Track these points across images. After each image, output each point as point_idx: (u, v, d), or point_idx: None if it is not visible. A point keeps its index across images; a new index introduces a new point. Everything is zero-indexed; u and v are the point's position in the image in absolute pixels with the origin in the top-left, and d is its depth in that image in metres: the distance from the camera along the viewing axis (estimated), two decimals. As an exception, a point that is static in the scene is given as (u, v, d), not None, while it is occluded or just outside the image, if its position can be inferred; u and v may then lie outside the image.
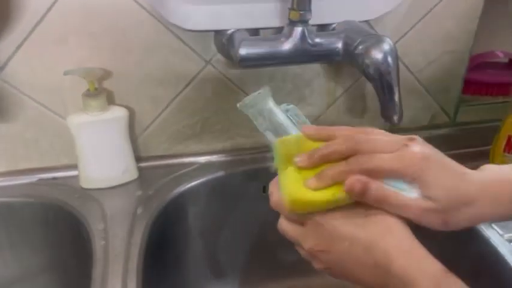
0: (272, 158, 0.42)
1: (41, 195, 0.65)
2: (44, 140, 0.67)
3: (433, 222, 0.37)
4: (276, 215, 0.76)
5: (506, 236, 0.58)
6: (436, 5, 0.70)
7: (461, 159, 0.72)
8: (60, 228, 0.65)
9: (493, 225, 0.60)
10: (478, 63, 0.81)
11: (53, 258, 0.68)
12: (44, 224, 0.65)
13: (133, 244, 0.57)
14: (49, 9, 0.57)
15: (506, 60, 0.83)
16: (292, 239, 0.41)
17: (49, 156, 0.68)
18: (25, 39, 0.59)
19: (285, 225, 0.41)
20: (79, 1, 0.57)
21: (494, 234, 0.58)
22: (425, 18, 0.70)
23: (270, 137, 0.44)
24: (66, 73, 0.59)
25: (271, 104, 0.44)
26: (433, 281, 0.32)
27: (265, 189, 0.73)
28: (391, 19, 0.68)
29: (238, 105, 0.44)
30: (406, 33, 0.71)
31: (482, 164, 0.71)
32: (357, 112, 0.77)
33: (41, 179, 0.68)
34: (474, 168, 0.42)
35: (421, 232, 0.37)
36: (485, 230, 0.59)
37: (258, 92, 0.44)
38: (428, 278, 0.32)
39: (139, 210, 0.62)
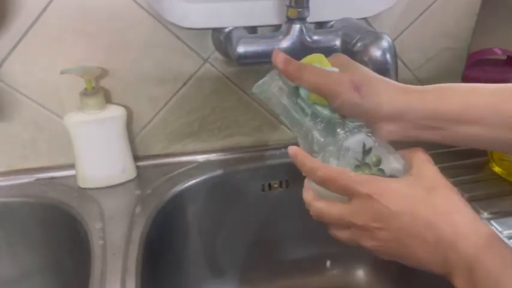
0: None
1: (39, 195, 0.65)
2: (41, 140, 0.66)
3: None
4: (276, 214, 0.77)
5: (506, 232, 0.58)
6: (434, 2, 0.69)
7: (459, 156, 0.72)
8: (58, 227, 0.65)
9: (492, 222, 0.60)
10: (476, 60, 0.80)
11: (51, 258, 0.68)
12: (42, 224, 0.65)
13: (131, 243, 0.56)
14: (45, 8, 0.57)
15: (504, 57, 0.82)
16: (336, 220, 0.39)
17: (46, 155, 0.68)
18: (21, 38, 0.58)
19: (324, 207, 0.39)
20: (75, 0, 0.57)
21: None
22: (423, 15, 0.70)
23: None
24: (63, 72, 0.59)
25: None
26: (503, 265, 0.31)
27: (264, 187, 0.73)
28: (389, 16, 0.68)
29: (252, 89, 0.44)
30: (404, 31, 0.71)
31: (481, 162, 0.71)
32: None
33: (38, 179, 0.67)
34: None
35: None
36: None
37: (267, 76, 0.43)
38: (497, 259, 0.32)
39: (137, 210, 0.62)
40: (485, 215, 0.61)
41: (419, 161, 0.38)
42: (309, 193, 0.41)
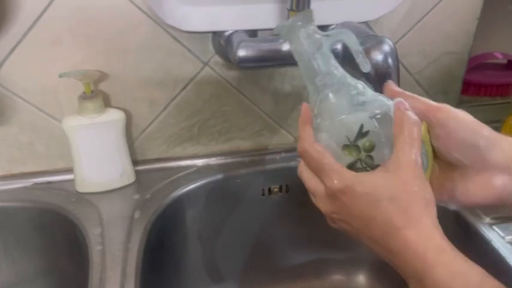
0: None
1: (36, 199, 0.64)
2: (39, 144, 0.66)
3: None
4: (276, 219, 0.76)
5: (508, 238, 0.58)
6: (434, 6, 0.69)
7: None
8: (55, 233, 0.64)
9: (494, 227, 0.60)
10: (477, 64, 0.80)
11: (49, 264, 0.67)
12: (40, 229, 0.64)
13: (130, 248, 0.56)
14: (44, 10, 0.56)
15: (505, 61, 0.82)
16: (308, 190, 0.40)
17: (44, 160, 0.67)
18: (20, 41, 0.58)
19: (305, 176, 0.40)
20: (74, 3, 0.57)
21: (495, 236, 0.58)
22: (424, 19, 0.70)
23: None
24: (61, 75, 0.58)
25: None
26: (450, 276, 0.32)
27: (264, 191, 0.72)
28: (391, 20, 0.68)
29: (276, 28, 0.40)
30: (405, 34, 0.71)
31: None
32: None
33: (35, 183, 0.67)
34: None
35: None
36: (486, 232, 0.59)
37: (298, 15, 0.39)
38: (444, 271, 0.32)
39: (136, 214, 0.61)
40: (487, 220, 0.60)
41: (401, 149, 0.36)
42: (309, 132, 0.39)
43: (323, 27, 0.64)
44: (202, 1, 0.58)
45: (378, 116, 0.37)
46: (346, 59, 0.59)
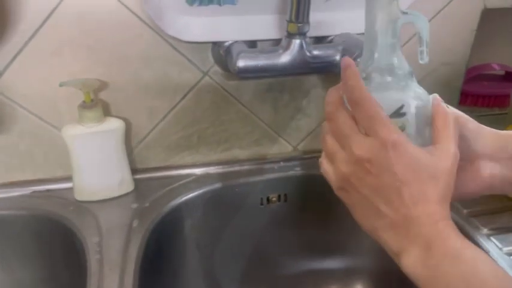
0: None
1: (35, 207, 0.64)
2: (39, 152, 0.66)
3: None
4: (274, 228, 0.76)
5: (505, 249, 0.58)
6: (432, 17, 0.70)
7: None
8: (53, 241, 0.64)
9: (492, 238, 0.60)
10: (474, 75, 0.81)
11: (46, 272, 0.67)
12: (38, 237, 0.64)
13: (128, 257, 0.56)
14: (45, 20, 0.57)
15: (502, 72, 0.83)
16: (340, 136, 0.38)
17: (43, 168, 0.67)
18: (21, 50, 0.58)
19: (342, 124, 0.38)
20: (76, 12, 0.57)
21: (493, 248, 0.58)
22: (422, 30, 0.71)
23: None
24: (62, 84, 0.59)
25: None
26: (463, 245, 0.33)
27: (263, 201, 0.72)
28: (389, 31, 0.68)
29: None
30: (403, 45, 0.71)
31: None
32: (354, 124, 0.77)
33: (34, 191, 0.67)
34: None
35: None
36: (484, 243, 0.59)
37: None
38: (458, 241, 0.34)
39: (135, 223, 0.61)
40: (485, 231, 0.61)
41: (446, 142, 0.37)
42: (362, 82, 0.38)
43: (321, 39, 0.64)
44: (202, 12, 0.59)
45: (419, 104, 0.38)
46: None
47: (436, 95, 0.40)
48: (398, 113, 0.38)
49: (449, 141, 0.37)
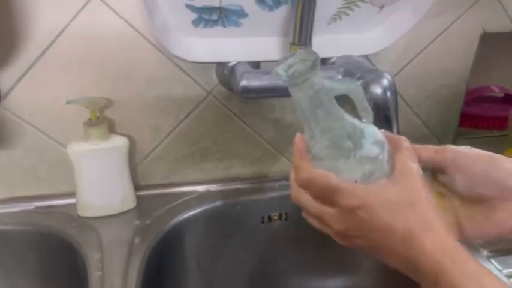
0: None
1: (37, 223, 0.65)
2: (43, 168, 0.67)
3: None
4: (275, 246, 0.76)
5: (505, 271, 0.58)
6: (433, 41, 0.71)
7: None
8: (55, 257, 0.64)
9: (492, 260, 0.60)
10: (474, 97, 0.82)
11: (47, 287, 0.67)
12: (39, 252, 0.65)
13: (130, 275, 0.56)
14: (54, 39, 0.58)
15: (501, 94, 0.84)
16: (313, 212, 0.39)
17: (47, 183, 0.68)
18: (29, 68, 0.59)
19: (306, 201, 0.39)
20: (84, 32, 0.58)
21: (493, 270, 0.58)
22: (422, 53, 0.72)
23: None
24: (69, 102, 0.60)
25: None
26: (466, 274, 0.33)
27: (264, 219, 0.73)
28: (390, 53, 0.70)
29: (279, 74, 0.37)
30: (404, 67, 0.73)
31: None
32: (355, 144, 0.78)
33: (37, 207, 0.67)
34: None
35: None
36: (484, 265, 0.59)
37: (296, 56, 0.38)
38: (460, 271, 0.33)
39: (136, 240, 0.62)
40: (485, 253, 0.61)
41: (404, 163, 0.37)
42: (308, 160, 0.39)
43: (323, 60, 0.65)
44: (207, 33, 0.60)
45: (375, 148, 0.38)
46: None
47: (383, 130, 0.40)
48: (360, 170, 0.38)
49: (407, 163, 0.37)
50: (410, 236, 0.35)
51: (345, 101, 0.40)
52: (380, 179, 0.37)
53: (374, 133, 0.39)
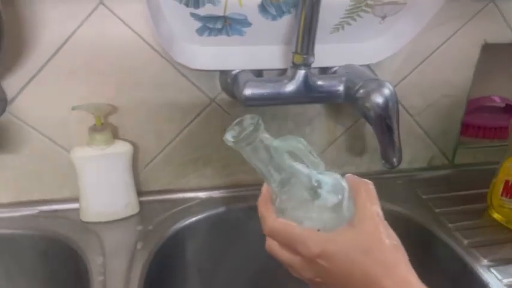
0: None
1: (41, 227, 0.65)
2: (47, 172, 0.67)
3: None
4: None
5: (505, 281, 0.58)
6: (434, 51, 0.72)
7: (458, 201, 0.73)
8: (58, 261, 0.65)
9: (492, 269, 0.60)
10: (475, 107, 0.82)
11: (50, 291, 0.68)
12: (42, 257, 0.65)
13: (132, 280, 0.56)
14: (60, 47, 0.59)
15: (502, 104, 0.85)
16: (285, 264, 0.42)
17: (51, 188, 0.68)
18: (36, 74, 0.60)
19: (278, 251, 0.41)
20: (90, 40, 0.59)
21: (493, 279, 0.58)
22: (424, 63, 0.73)
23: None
24: (74, 108, 0.61)
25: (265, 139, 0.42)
26: None
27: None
28: (392, 63, 0.71)
29: (227, 140, 0.41)
30: (405, 77, 0.73)
31: (480, 208, 0.72)
32: (356, 152, 0.78)
33: (41, 211, 0.68)
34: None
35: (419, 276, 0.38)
36: (484, 274, 0.59)
37: (241, 123, 0.42)
38: None
39: (139, 245, 0.62)
40: (485, 262, 0.61)
41: (362, 207, 0.38)
42: (271, 210, 0.42)
43: (325, 69, 0.66)
44: (211, 41, 0.61)
45: (335, 194, 0.40)
46: (347, 99, 0.61)
47: (348, 175, 0.42)
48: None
49: (365, 205, 0.38)
50: (369, 281, 0.36)
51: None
52: (341, 226, 0.39)
53: (332, 182, 0.41)
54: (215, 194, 0.74)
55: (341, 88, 0.61)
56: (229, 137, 0.41)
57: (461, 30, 0.71)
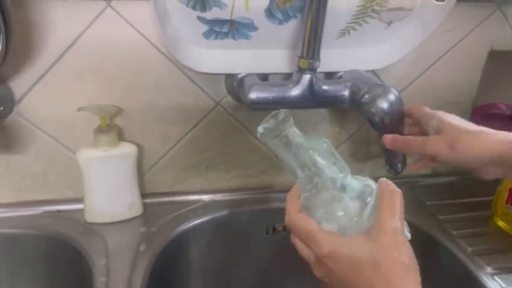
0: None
1: (45, 227, 0.65)
2: (52, 173, 0.68)
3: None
4: (279, 258, 0.76)
5: (509, 289, 0.58)
6: (440, 58, 0.72)
7: (463, 208, 0.73)
8: (61, 261, 0.65)
9: (496, 277, 0.60)
10: (481, 114, 0.82)
11: (52, 291, 0.68)
12: (46, 257, 0.65)
13: (134, 281, 0.56)
14: (68, 48, 0.59)
15: (508, 112, 0.84)
16: (304, 259, 0.42)
17: (55, 188, 0.69)
18: (43, 75, 0.61)
19: (298, 245, 0.42)
20: (97, 42, 0.60)
21: (496, 287, 0.58)
22: (430, 69, 0.73)
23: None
24: (80, 109, 0.61)
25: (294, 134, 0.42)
26: None
27: (268, 230, 0.73)
28: (397, 69, 0.70)
29: (258, 131, 0.43)
30: (411, 83, 0.73)
31: (484, 216, 0.72)
32: (360, 158, 0.78)
33: (45, 211, 0.68)
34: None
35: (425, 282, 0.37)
36: (488, 282, 0.59)
37: (276, 117, 0.42)
38: None
39: (142, 247, 0.62)
40: (489, 270, 0.61)
41: (382, 219, 0.38)
42: (296, 203, 0.42)
43: (330, 74, 0.66)
44: (217, 45, 0.61)
45: (361, 197, 0.40)
46: (352, 104, 0.61)
47: (383, 179, 0.41)
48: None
49: (385, 217, 0.38)
50: None
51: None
52: (358, 232, 0.38)
53: (358, 188, 0.41)
54: (218, 197, 0.74)
55: (346, 93, 0.61)
56: (260, 128, 0.42)
57: (467, 37, 0.71)
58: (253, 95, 0.59)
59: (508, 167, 0.45)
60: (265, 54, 0.64)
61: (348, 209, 0.39)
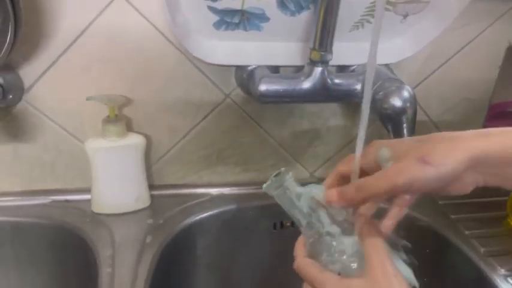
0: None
1: (52, 216, 0.65)
2: (61, 162, 0.68)
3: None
4: (286, 254, 0.75)
5: (522, 292, 0.56)
6: (456, 53, 0.70)
7: (476, 208, 0.71)
8: (67, 251, 0.65)
9: (509, 279, 0.58)
10: (496, 112, 0.80)
11: (58, 281, 0.68)
12: (52, 246, 0.66)
13: (139, 273, 0.56)
14: (78, 37, 0.59)
15: (526, 110, 0.82)
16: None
17: (64, 178, 0.69)
18: (52, 64, 0.60)
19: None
20: (106, 31, 0.59)
21: (510, 289, 0.57)
22: (445, 64, 0.71)
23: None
24: (89, 99, 0.61)
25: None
26: None
27: (276, 225, 0.72)
28: (412, 63, 0.69)
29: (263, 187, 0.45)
30: (426, 78, 0.72)
31: (498, 216, 0.70)
32: (372, 154, 0.77)
33: (53, 201, 0.68)
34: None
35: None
36: (500, 284, 0.58)
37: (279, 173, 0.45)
38: None
39: (148, 239, 0.62)
40: (502, 271, 0.59)
41: (369, 255, 0.39)
42: (302, 249, 0.45)
43: (343, 67, 0.65)
44: (228, 36, 0.61)
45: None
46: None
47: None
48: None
49: (370, 254, 0.38)
50: None
51: None
52: (362, 262, 0.39)
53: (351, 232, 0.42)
54: (226, 190, 0.73)
55: (359, 87, 0.60)
56: (265, 184, 0.45)
57: (485, 31, 0.69)
58: (263, 87, 0.58)
59: (488, 167, 0.38)
60: (277, 46, 0.62)
61: (347, 250, 0.41)
